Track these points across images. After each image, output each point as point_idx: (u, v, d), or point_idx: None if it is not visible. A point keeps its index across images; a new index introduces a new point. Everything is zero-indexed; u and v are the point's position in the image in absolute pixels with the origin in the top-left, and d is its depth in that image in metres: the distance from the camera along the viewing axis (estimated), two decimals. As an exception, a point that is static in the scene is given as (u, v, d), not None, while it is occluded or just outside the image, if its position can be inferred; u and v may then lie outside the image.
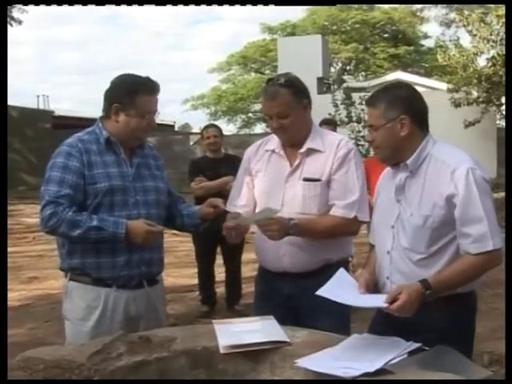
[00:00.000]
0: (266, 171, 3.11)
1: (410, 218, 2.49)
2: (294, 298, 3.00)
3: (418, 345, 2.10)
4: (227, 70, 37.24)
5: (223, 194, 5.72)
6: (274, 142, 3.14)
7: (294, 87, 2.98)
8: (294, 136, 3.03)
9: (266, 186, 3.10)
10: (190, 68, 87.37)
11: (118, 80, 2.94)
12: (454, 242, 2.44)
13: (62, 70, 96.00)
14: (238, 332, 2.32)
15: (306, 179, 2.99)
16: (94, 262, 2.85)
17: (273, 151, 3.12)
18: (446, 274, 2.39)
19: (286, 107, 2.94)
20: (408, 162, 2.50)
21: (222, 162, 6.27)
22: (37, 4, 21.22)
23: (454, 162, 2.43)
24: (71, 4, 28.86)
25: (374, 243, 2.73)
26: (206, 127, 6.58)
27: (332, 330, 2.39)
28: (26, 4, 18.28)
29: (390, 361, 1.98)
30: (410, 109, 2.49)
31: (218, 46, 78.29)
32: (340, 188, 2.97)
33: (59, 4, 25.63)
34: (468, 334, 2.55)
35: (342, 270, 2.61)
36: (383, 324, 2.49)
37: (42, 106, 27.60)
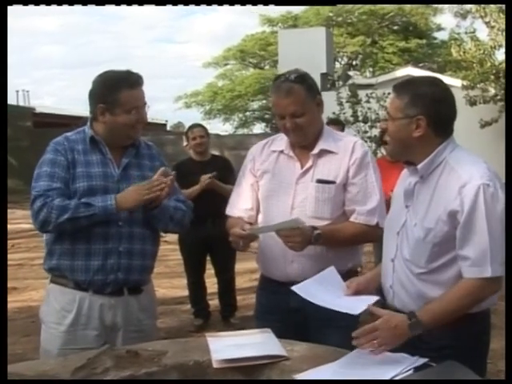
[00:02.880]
0: (274, 172, 3.11)
1: (413, 228, 2.48)
2: (300, 311, 2.96)
3: (424, 360, 2.13)
4: (223, 65, 37.29)
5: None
6: (281, 142, 3.14)
7: (307, 83, 2.99)
8: (309, 136, 3.04)
9: (273, 187, 3.09)
10: (183, 63, 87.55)
11: (99, 79, 3.00)
12: (458, 260, 2.41)
13: (43, 64, 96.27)
14: (233, 346, 2.35)
15: (319, 181, 3.00)
16: (69, 264, 2.94)
17: (281, 152, 3.12)
18: (437, 305, 2.36)
19: (302, 105, 2.94)
20: (419, 166, 2.48)
21: (209, 165, 6.22)
22: (37, 4, 21.28)
23: (466, 174, 2.36)
24: (71, 4, 29.02)
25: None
26: (191, 127, 6.53)
27: (340, 346, 2.38)
28: (26, 4, 18.45)
29: (394, 377, 2.01)
30: (432, 111, 2.42)
31: (213, 38, 78.30)
32: (360, 193, 3.00)
33: (59, 4, 25.76)
34: (477, 353, 2.52)
35: (331, 269, 2.65)
36: None
37: (21, 103, 27.66)
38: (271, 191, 3.10)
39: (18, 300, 7.51)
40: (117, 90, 2.90)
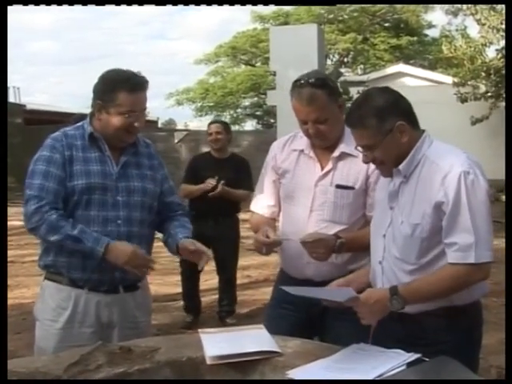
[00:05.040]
0: (294, 173, 3.12)
1: (400, 226, 2.49)
2: (316, 307, 2.95)
3: (417, 356, 2.14)
4: (215, 62, 37.17)
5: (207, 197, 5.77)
6: (301, 141, 3.13)
7: (329, 87, 2.97)
8: (331, 139, 3.04)
9: (293, 188, 3.12)
10: (174, 59, 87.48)
11: (103, 75, 2.97)
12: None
13: (35, 60, 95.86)
14: (226, 342, 2.35)
15: (338, 186, 3.02)
16: (66, 262, 2.92)
17: (301, 151, 3.13)
18: (419, 283, 2.41)
19: (325, 111, 2.93)
20: (400, 167, 2.49)
21: (226, 163, 6.16)
22: (37, 4, 21.11)
23: (447, 164, 2.39)
24: (71, 4, 28.88)
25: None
26: (210, 123, 6.52)
27: (353, 341, 2.40)
28: (26, 4, 18.42)
29: (387, 372, 2.02)
30: (401, 111, 2.47)
31: (205, 35, 78.29)
32: None
33: (59, 4, 25.63)
34: (470, 348, 2.55)
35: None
36: (385, 333, 2.55)
37: (12, 99, 27.48)
38: (291, 192, 3.13)
39: (10, 297, 7.45)
40: (114, 89, 2.87)
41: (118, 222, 2.93)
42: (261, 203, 3.27)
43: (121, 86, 2.87)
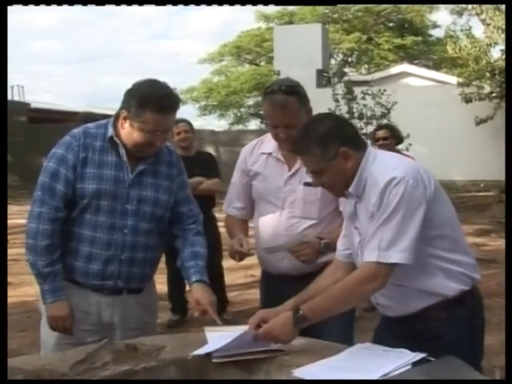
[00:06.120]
0: (264, 175, 3.26)
1: (364, 243, 2.49)
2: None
3: (422, 355, 2.14)
4: (219, 61, 37.18)
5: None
6: (270, 144, 3.27)
7: (300, 94, 3.09)
8: None
9: (264, 190, 3.26)
10: (178, 59, 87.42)
11: (138, 87, 2.84)
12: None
13: (38, 59, 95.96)
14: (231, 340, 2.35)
15: (306, 184, 3.11)
16: (70, 264, 2.92)
17: (269, 154, 3.26)
18: (319, 299, 2.41)
19: (296, 117, 3.04)
20: (350, 189, 2.52)
21: (193, 161, 6.10)
22: (37, 4, 21.25)
23: (381, 175, 2.40)
24: (71, 4, 29.02)
25: None
26: (176, 122, 6.38)
27: (336, 338, 2.46)
28: (26, 4, 18.40)
29: (392, 371, 2.02)
30: (343, 138, 2.48)
31: (209, 34, 78.27)
32: None
33: (59, 4, 25.80)
34: (473, 336, 2.55)
35: None
36: (386, 332, 2.56)
37: (16, 98, 27.53)
38: (262, 193, 3.27)
39: (14, 295, 7.49)
40: (143, 106, 2.75)
41: (125, 231, 2.90)
42: (233, 205, 3.42)
43: (150, 105, 2.74)
